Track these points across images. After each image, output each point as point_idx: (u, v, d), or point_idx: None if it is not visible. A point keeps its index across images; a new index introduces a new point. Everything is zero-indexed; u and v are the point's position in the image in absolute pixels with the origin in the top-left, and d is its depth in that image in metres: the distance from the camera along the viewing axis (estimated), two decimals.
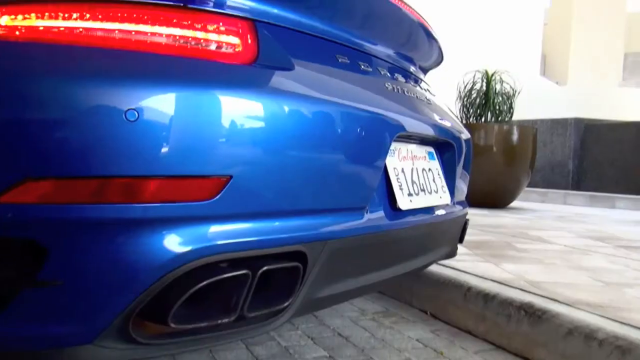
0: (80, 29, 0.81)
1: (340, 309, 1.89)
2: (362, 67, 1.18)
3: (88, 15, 0.83)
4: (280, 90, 0.91)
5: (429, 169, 1.35)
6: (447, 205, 1.42)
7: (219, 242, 0.82)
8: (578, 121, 7.07)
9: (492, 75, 5.41)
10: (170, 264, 0.78)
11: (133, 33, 0.83)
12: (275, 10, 1.02)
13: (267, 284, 0.90)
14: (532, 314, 1.50)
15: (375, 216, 1.10)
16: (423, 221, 1.27)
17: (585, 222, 3.97)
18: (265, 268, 0.85)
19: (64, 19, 0.82)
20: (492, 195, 4.86)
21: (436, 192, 1.35)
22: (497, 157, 4.88)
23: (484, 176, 4.48)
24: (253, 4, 0.97)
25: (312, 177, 0.94)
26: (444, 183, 1.41)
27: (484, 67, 5.51)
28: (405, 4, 1.37)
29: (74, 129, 0.73)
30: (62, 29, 0.81)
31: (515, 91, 5.33)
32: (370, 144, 1.06)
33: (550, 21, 14.39)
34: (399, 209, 1.17)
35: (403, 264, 1.26)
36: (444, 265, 2.00)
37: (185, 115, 0.78)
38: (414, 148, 1.32)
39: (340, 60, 1.12)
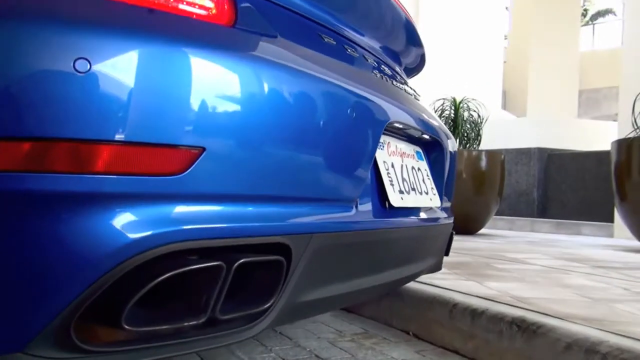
0: None
1: (315, 330, 1.73)
2: (349, 51, 1.08)
3: None
4: (262, 57, 0.79)
5: (418, 169, 1.25)
6: (437, 208, 1.32)
7: (187, 227, 0.68)
8: (541, 151, 7.22)
9: (460, 102, 5.47)
10: (125, 252, 0.63)
11: None
12: None
13: (245, 282, 0.76)
14: (525, 329, 1.39)
15: (365, 211, 0.98)
16: (413, 223, 1.15)
17: (557, 246, 3.96)
18: (242, 261, 0.71)
19: None
20: (462, 221, 4.80)
21: (426, 193, 1.24)
22: (466, 183, 4.87)
23: (454, 202, 4.45)
24: None
25: (297, 158, 0.81)
26: (433, 185, 1.31)
27: (451, 95, 5.57)
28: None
29: (7, 78, 0.58)
30: None
31: (483, 118, 5.39)
32: (360, 129, 0.94)
33: (509, 60, 14.95)
34: (390, 206, 1.05)
35: (392, 270, 1.13)
36: (425, 283, 1.88)
37: (150, 71, 0.65)
38: (402, 146, 1.21)
39: (326, 41, 1.02)
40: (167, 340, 0.69)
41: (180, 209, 0.68)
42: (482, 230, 5.35)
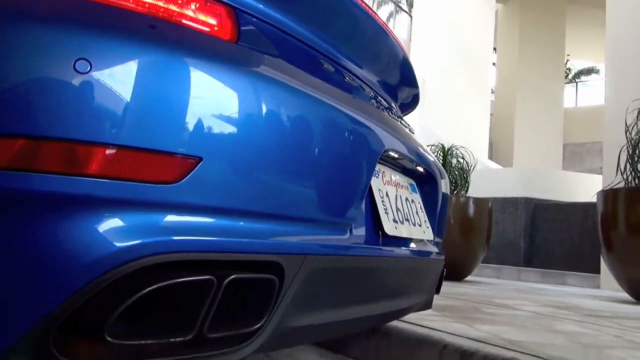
0: None
1: None
2: (347, 80, 1.10)
3: None
4: (263, 74, 0.79)
5: (412, 200, 1.24)
6: (429, 242, 1.30)
7: (179, 238, 0.66)
8: (528, 200, 7.28)
9: (449, 150, 5.54)
10: (113, 259, 0.61)
11: None
12: (260, 6, 0.93)
13: (235, 301, 0.73)
14: None
15: (359, 237, 0.96)
16: (406, 254, 1.13)
17: (545, 295, 3.92)
18: (233, 276, 0.69)
19: None
20: (449, 267, 4.72)
21: (420, 225, 1.23)
22: (454, 229, 4.86)
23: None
24: None
25: (295, 177, 0.80)
26: (426, 218, 1.30)
27: (440, 142, 5.65)
28: (396, 36, 1.32)
29: (6, 74, 0.57)
30: None
31: (470, 166, 5.45)
32: (357, 154, 0.94)
33: (496, 112, 15.36)
34: (384, 235, 1.04)
35: (384, 302, 1.10)
36: (413, 323, 1.83)
37: (151, 77, 0.64)
38: (397, 177, 1.21)
39: (325, 68, 1.03)
40: (151, 357, 0.65)
41: (173, 219, 0.66)
42: (469, 277, 5.31)
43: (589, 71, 21.46)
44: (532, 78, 14.81)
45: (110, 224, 0.61)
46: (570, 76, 20.99)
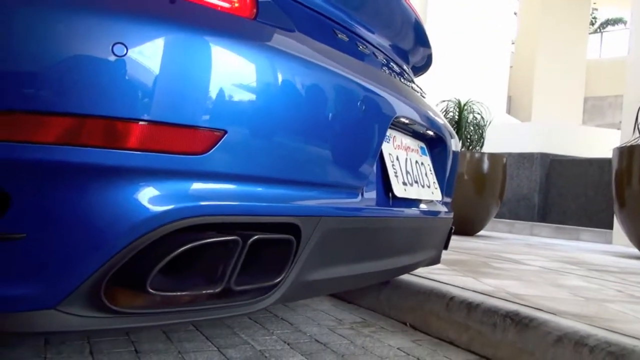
0: None
1: (316, 317, 1.79)
2: (360, 47, 1.14)
3: None
4: (280, 49, 0.85)
5: (422, 163, 1.31)
6: (438, 202, 1.37)
7: (208, 203, 0.74)
8: (544, 156, 7.26)
9: (465, 105, 5.52)
10: (151, 222, 0.69)
11: None
12: None
13: (257, 258, 0.82)
14: (518, 322, 1.44)
15: (370, 199, 1.03)
16: (415, 214, 1.21)
17: (555, 250, 4.01)
18: (256, 237, 0.77)
19: None
20: (461, 222, 4.85)
21: (428, 186, 1.30)
22: (467, 184, 4.91)
23: (454, 203, 4.48)
24: None
25: (310, 145, 0.87)
26: (435, 179, 1.36)
27: (456, 97, 5.62)
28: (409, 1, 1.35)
29: (51, 57, 0.64)
30: None
31: (487, 121, 5.43)
32: (369, 121, 1.00)
33: (515, 65, 14.99)
34: (394, 197, 1.11)
35: (393, 258, 1.19)
36: (422, 277, 1.94)
37: (182, 58, 0.71)
38: (408, 140, 1.27)
39: (339, 37, 1.07)
40: (185, 306, 0.75)
41: (202, 186, 0.73)
42: (481, 232, 5.40)
43: (615, 21, 20.64)
44: (555, 28, 14.31)
45: (148, 191, 0.69)
46: (595, 26, 20.24)
